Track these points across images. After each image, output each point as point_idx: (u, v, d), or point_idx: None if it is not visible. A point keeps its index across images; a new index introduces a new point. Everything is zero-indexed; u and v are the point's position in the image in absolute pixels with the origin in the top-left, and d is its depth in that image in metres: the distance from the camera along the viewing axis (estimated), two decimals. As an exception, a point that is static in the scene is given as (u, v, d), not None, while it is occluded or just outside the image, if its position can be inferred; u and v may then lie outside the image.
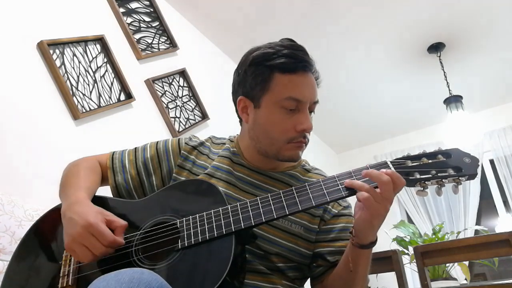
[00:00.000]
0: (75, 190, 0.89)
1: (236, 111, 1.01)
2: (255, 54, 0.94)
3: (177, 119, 2.33)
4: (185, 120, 2.40)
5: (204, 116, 2.53)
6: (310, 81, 0.93)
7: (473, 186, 3.74)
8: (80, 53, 1.90)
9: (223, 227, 0.79)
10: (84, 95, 1.83)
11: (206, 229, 0.79)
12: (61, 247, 0.86)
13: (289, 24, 2.78)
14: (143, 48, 2.29)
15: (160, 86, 2.32)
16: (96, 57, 1.98)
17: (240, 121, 1.03)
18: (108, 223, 0.80)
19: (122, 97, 2.03)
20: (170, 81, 2.41)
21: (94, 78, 1.92)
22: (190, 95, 2.52)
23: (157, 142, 1.08)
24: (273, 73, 0.91)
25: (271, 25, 2.75)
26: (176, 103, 2.38)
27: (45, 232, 0.93)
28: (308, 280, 0.99)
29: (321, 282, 0.94)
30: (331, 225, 0.95)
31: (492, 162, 3.81)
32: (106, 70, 2.00)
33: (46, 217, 0.95)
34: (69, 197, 0.88)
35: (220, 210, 0.82)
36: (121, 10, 2.25)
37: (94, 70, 1.94)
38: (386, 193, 0.76)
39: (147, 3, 2.44)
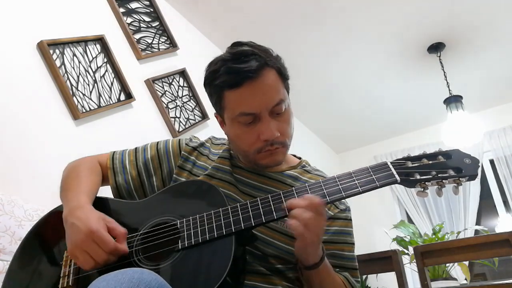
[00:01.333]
0: (76, 194, 0.89)
1: None
2: (205, 75, 0.94)
3: (177, 119, 2.33)
4: (185, 120, 2.40)
5: (204, 116, 2.53)
6: (261, 87, 0.87)
7: (473, 186, 3.74)
8: (80, 53, 1.90)
9: (223, 227, 0.79)
10: (84, 95, 1.83)
11: (206, 230, 0.79)
12: (62, 248, 0.86)
13: (289, 24, 2.78)
14: (143, 48, 2.29)
15: (160, 86, 2.32)
16: (96, 57, 1.98)
17: None
18: (109, 230, 0.79)
19: (122, 97, 2.03)
20: (170, 81, 2.41)
21: (94, 78, 1.92)
22: (190, 95, 2.52)
23: (158, 142, 1.07)
24: (223, 92, 0.89)
25: (272, 25, 2.75)
26: (176, 103, 2.39)
27: (46, 233, 0.93)
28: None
29: None
30: (325, 227, 0.95)
31: (492, 162, 3.81)
32: (106, 70, 2.00)
33: (47, 218, 0.95)
34: (70, 201, 0.87)
35: (220, 211, 0.82)
36: (121, 10, 2.25)
37: (94, 70, 1.94)
38: (307, 221, 0.75)
39: (147, 3, 2.44)
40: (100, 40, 2.02)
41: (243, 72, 0.86)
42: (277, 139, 0.89)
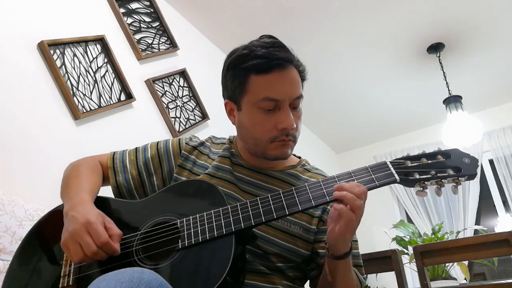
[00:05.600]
0: (78, 192, 0.90)
1: None
2: (231, 58, 0.95)
3: (177, 119, 2.34)
4: (185, 120, 2.40)
5: (204, 116, 2.54)
6: (288, 77, 0.91)
7: (473, 186, 3.75)
8: (81, 53, 1.91)
9: (223, 227, 0.79)
10: (84, 95, 1.83)
11: (206, 229, 0.80)
12: (62, 248, 0.86)
13: (289, 24, 2.79)
14: (143, 48, 2.29)
15: (160, 86, 2.32)
16: (96, 57, 1.98)
17: None
18: (105, 229, 0.80)
19: (123, 97, 2.03)
20: (170, 81, 2.41)
21: (94, 78, 1.92)
22: (190, 95, 2.52)
23: (158, 142, 1.08)
24: (249, 75, 0.90)
25: (272, 26, 2.76)
26: (176, 103, 2.39)
27: (47, 233, 0.93)
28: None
29: (316, 285, 0.95)
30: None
31: (491, 162, 3.81)
32: (107, 70, 2.01)
33: (47, 217, 0.96)
34: (72, 199, 0.88)
35: (220, 210, 0.82)
36: (122, 10, 2.25)
37: (94, 70, 1.94)
38: (357, 208, 0.76)
39: (147, 3, 2.45)
40: (101, 41, 2.03)
41: (274, 59, 0.89)
42: (292, 131, 0.91)
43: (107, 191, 1.02)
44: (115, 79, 2.03)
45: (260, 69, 0.89)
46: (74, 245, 0.77)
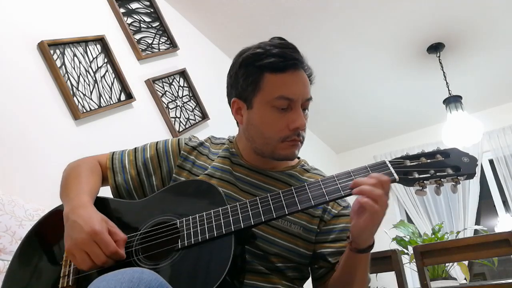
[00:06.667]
0: (77, 193, 0.89)
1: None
2: (245, 55, 0.94)
3: (177, 119, 2.34)
4: (185, 120, 2.40)
5: (204, 116, 2.54)
6: (301, 78, 0.92)
7: (473, 186, 3.75)
8: (81, 53, 1.91)
9: (223, 226, 0.79)
10: (84, 95, 1.83)
11: (206, 229, 0.80)
12: (62, 248, 0.86)
13: (289, 24, 2.79)
14: (143, 48, 2.29)
15: (160, 86, 2.32)
16: (96, 57, 1.98)
17: (237, 122, 1.03)
18: (110, 234, 0.80)
19: (123, 97, 2.03)
20: (170, 81, 2.41)
21: (94, 78, 1.92)
22: (190, 95, 2.52)
23: (157, 142, 1.08)
24: (263, 73, 0.91)
25: (271, 26, 2.76)
26: (176, 103, 2.39)
27: (47, 233, 0.93)
28: (309, 280, 0.99)
29: (323, 283, 0.94)
30: (331, 225, 0.95)
31: (491, 162, 3.81)
32: (107, 70, 2.01)
33: (47, 217, 0.95)
34: (71, 200, 0.87)
35: (220, 210, 0.82)
36: (122, 10, 2.25)
37: (94, 70, 1.94)
38: (378, 198, 0.76)
39: (147, 3, 2.45)
40: (101, 41, 2.03)
41: (290, 58, 0.90)
42: (302, 131, 0.93)
43: (106, 192, 1.02)
44: (115, 79, 2.03)
45: (276, 68, 0.90)
46: (81, 253, 0.77)
